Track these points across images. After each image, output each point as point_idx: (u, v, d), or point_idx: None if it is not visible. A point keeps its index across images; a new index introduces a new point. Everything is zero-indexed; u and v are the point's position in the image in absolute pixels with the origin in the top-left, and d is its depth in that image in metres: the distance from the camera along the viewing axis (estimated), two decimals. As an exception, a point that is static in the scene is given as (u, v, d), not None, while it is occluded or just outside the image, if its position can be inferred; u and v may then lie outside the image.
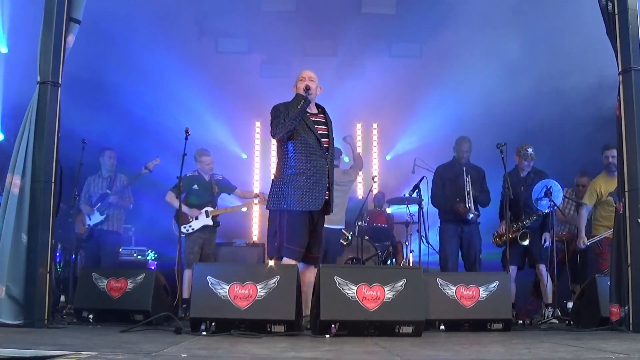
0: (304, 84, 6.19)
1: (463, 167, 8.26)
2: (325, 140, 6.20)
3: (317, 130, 6.15)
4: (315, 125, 6.21)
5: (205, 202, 8.71)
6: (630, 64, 6.00)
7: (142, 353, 3.86)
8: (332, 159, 6.31)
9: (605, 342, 4.89)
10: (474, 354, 4.28)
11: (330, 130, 6.33)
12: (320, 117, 6.38)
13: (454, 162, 8.41)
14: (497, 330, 6.24)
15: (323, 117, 6.40)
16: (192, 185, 8.70)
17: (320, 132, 6.20)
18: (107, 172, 9.05)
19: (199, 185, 8.74)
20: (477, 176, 8.27)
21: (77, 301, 6.77)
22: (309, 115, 6.25)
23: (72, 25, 6.07)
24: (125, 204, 9.08)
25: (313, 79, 6.35)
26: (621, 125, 6.04)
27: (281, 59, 11.83)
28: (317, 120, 6.31)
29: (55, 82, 5.89)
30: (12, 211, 5.65)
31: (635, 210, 5.84)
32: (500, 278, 6.43)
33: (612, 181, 7.54)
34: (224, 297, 5.51)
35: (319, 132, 6.19)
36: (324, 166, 6.11)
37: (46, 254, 5.67)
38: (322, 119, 6.36)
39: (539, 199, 7.85)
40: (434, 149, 10.07)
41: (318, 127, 6.22)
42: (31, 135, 5.79)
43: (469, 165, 8.34)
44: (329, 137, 6.27)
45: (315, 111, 6.39)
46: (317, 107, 6.47)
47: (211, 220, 8.67)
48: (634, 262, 5.80)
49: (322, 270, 5.66)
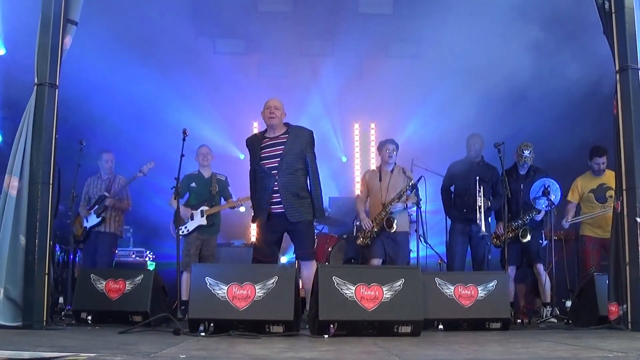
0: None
1: (475, 167, 8.25)
2: (273, 161, 6.71)
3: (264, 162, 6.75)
4: (269, 148, 6.77)
5: (203, 200, 8.59)
6: (627, 62, 6.02)
7: (141, 354, 3.86)
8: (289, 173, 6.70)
9: (603, 341, 4.90)
10: (473, 354, 4.29)
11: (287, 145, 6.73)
12: (282, 138, 6.80)
13: (466, 161, 8.39)
14: (496, 329, 6.25)
15: (285, 137, 6.80)
16: (190, 183, 8.59)
17: (271, 154, 6.73)
18: (106, 174, 9.03)
19: (196, 182, 8.63)
20: (490, 177, 8.19)
21: (76, 303, 6.76)
22: (267, 140, 6.83)
23: (70, 27, 6.06)
24: (123, 206, 9.04)
25: (278, 107, 6.83)
26: (618, 123, 6.06)
27: (278, 59, 11.84)
28: (275, 142, 6.79)
29: (53, 84, 5.89)
30: (10, 213, 5.64)
31: (633, 209, 5.86)
32: (499, 277, 6.44)
33: (593, 180, 8.22)
34: (222, 297, 5.51)
35: (272, 153, 6.73)
36: (269, 184, 6.70)
37: (44, 256, 5.67)
38: (282, 140, 6.79)
39: (537, 198, 7.85)
40: (431, 148, 10.09)
41: (272, 149, 6.76)
42: (29, 136, 5.78)
43: (483, 165, 8.30)
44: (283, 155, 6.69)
45: (277, 133, 6.83)
46: (285, 126, 6.90)
47: (205, 219, 8.49)
48: (632, 261, 5.81)
49: (320, 270, 5.67)
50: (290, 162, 6.68)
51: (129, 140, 10.37)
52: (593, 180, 8.19)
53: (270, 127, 6.83)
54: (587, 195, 8.26)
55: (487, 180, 8.14)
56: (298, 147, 6.74)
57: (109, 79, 10.11)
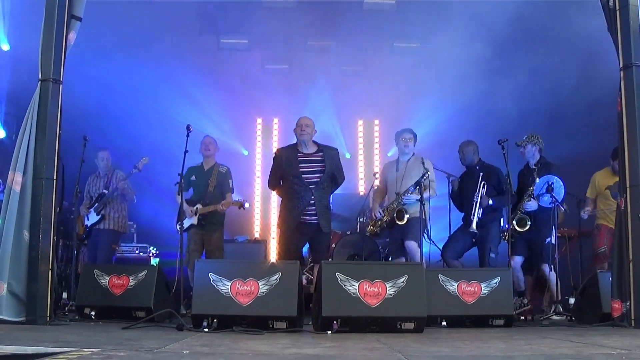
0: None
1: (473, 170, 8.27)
2: (314, 176, 7.39)
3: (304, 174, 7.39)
4: (306, 164, 7.42)
5: (202, 196, 8.42)
6: (631, 59, 6.01)
7: (144, 350, 3.87)
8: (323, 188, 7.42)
9: (606, 338, 4.89)
10: (476, 350, 4.29)
11: (327, 166, 7.42)
12: (316, 156, 7.48)
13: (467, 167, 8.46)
14: (499, 326, 6.24)
15: (320, 155, 7.48)
16: (191, 177, 8.37)
17: (309, 170, 7.40)
18: (104, 171, 9.04)
19: (196, 176, 8.44)
20: (488, 177, 8.18)
21: (79, 298, 6.76)
22: (302, 156, 7.45)
23: (74, 23, 6.07)
24: (129, 195, 9.06)
25: (309, 125, 7.47)
26: (622, 121, 6.05)
27: (283, 55, 11.83)
28: (310, 159, 7.46)
29: (57, 80, 5.90)
30: (14, 208, 5.66)
31: (636, 206, 5.85)
32: (502, 274, 6.43)
33: (611, 177, 8.11)
34: (225, 293, 5.52)
35: (310, 169, 7.41)
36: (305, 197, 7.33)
37: (48, 251, 5.68)
38: (317, 158, 7.47)
39: (540, 195, 7.82)
40: (435, 145, 10.05)
41: (309, 165, 7.42)
42: (33, 132, 5.80)
43: (483, 167, 8.28)
44: (323, 173, 7.40)
45: (311, 150, 7.49)
46: (315, 144, 7.55)
47: (196, 219, 8.30)
48: (635, 258, 5.80)
49: (323, 266, 5.67)
50: (325, 180, 7.43)
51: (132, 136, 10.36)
52: (611, 177, 8.14)
53: (303, 143, 7.46)
54: (604, 192, 8.31)
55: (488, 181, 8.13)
56: (333, 167, 7.49)
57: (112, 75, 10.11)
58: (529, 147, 8.12)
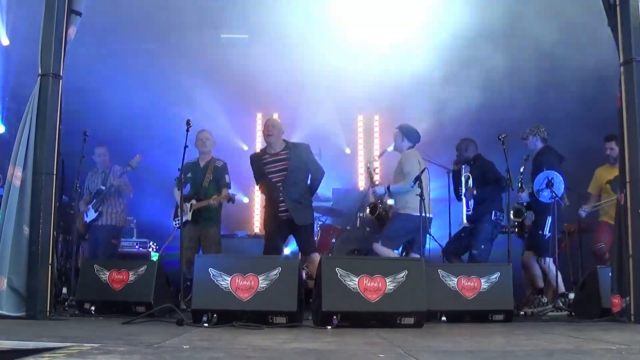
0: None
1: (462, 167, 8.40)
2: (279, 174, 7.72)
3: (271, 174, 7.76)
4: (272, 164, 7.77)
5: (197, 191, 8.29)
6: (631, 55, 6.00)
7: (144, 345, 3.88)
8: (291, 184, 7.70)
9: (606, 333, 4.90)
10: (475, 345, 4.30)
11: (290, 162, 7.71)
12: (282, 154, 7.76)
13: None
14: (499, 321, 6.25)
15: (285, 153, 7.75)
16: (187, 173, 8.16)
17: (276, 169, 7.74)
18: (101, 167, 9.05)
19: (192, 172, 8.30)
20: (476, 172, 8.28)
21: (79, 293, 6.76)
22: (269, 157, 7.82)
23: (73, 17, 6.07)
24: (125, 191, 9.07)
25: (275, 126, 7.83)
26: (622, 116, 6.04)
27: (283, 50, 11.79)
28: (276, 159, 7.78)
29: (57, 74, 5.89)
30: (14, 203, 5.66)
31: (636, 202, 5.85)
32: (502, 269, 6.43)
33: (612, 170, 8.00)
34: (225, 288, 5.53)
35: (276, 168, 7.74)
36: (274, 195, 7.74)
37: (48, 246, 5.69)
38: (283, 156, 7.75)
39: (540, 190, 7.81)
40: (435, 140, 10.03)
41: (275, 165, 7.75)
42: (32, 127, 5.80)
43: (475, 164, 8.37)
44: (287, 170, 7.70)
45: (278, 150, 7.80)
46: (284, 143, 7.88)
47: (190, 215, 8.16)
48: (635, 254, 5.80)
49: (323, 261, 5.68)
50: (291, 176, 7.67)
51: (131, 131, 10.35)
52: (610, 171, 8.11)
53: (269, 144, 7.83)
54: (605, 186, 8.33)
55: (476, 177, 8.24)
56: (300, 163, 7.75)
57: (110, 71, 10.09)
58: (530, 138, 8.20)
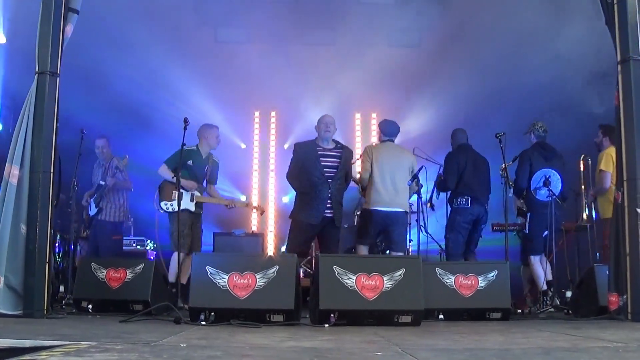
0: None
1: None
2: (330, 170, 7.64)
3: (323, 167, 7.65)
4: (325, 158, 7.70)
5: (196, 183, 8.16)
6: (629, 53, 6.00)
7: (142, 343, 3.87)
8: (339, 183, 7.71)
9: (603, 331, 4.91)
10: (473, 343, 4.30)
11: (340, 161, 7.74)
12: (335, 152, 7.79)
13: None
14: (496, 319, 6.26)
15: (339, 151, 7.80)
16: (187, 160, 8.00)
17: (327, 164, 7.67)
18: (103, 161, 9.00)
19: (194, 161, 8.14)
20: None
21: (77, 291, 6.77)
22: (321, 150, 7.73)
23: (71, 15, 6.05)
24: (125, 186, 9.08)
25: (332, 123, 7.79)
26: (620, 114, 6.05)
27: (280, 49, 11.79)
28: (329, 154, 7.75)
29: (54, 72, 5.88)
30: (11, 202, 5.65)
31: (633, 200, 5.85)
32: (499, 267, 6.44)
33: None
34: (223, 286, 5.53)
35: (328, 163, 7.68)
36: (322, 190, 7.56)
37: (45, 244, 5.68)
38: (336, 153, 7.77)
39: (537, 189, 7.82)
40: (433, 138, 10.05)
41: (328, 160, 7.70)
42: (30, 125, 5.79)
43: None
44: (337, 168, 7.68)
45: (330, 147, 7.79)
46: (334, 141, 7.88)
47: (194, 206, 8.04)
48: (632, 251, 5.81)
49: (321, 259, 5.69)
50: (340, 175, 7.67)
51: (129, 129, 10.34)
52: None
53: (325, 140, 7.76)
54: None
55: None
56: (347, 166, 7.88)
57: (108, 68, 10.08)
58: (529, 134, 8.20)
